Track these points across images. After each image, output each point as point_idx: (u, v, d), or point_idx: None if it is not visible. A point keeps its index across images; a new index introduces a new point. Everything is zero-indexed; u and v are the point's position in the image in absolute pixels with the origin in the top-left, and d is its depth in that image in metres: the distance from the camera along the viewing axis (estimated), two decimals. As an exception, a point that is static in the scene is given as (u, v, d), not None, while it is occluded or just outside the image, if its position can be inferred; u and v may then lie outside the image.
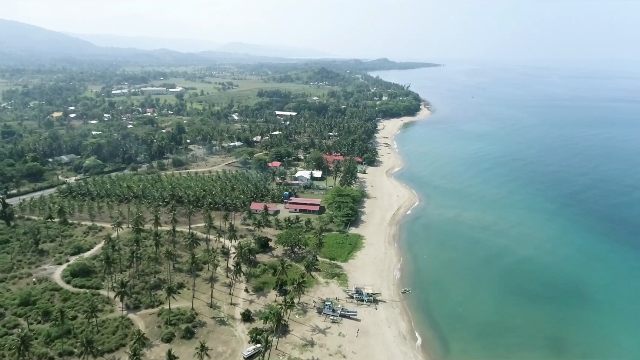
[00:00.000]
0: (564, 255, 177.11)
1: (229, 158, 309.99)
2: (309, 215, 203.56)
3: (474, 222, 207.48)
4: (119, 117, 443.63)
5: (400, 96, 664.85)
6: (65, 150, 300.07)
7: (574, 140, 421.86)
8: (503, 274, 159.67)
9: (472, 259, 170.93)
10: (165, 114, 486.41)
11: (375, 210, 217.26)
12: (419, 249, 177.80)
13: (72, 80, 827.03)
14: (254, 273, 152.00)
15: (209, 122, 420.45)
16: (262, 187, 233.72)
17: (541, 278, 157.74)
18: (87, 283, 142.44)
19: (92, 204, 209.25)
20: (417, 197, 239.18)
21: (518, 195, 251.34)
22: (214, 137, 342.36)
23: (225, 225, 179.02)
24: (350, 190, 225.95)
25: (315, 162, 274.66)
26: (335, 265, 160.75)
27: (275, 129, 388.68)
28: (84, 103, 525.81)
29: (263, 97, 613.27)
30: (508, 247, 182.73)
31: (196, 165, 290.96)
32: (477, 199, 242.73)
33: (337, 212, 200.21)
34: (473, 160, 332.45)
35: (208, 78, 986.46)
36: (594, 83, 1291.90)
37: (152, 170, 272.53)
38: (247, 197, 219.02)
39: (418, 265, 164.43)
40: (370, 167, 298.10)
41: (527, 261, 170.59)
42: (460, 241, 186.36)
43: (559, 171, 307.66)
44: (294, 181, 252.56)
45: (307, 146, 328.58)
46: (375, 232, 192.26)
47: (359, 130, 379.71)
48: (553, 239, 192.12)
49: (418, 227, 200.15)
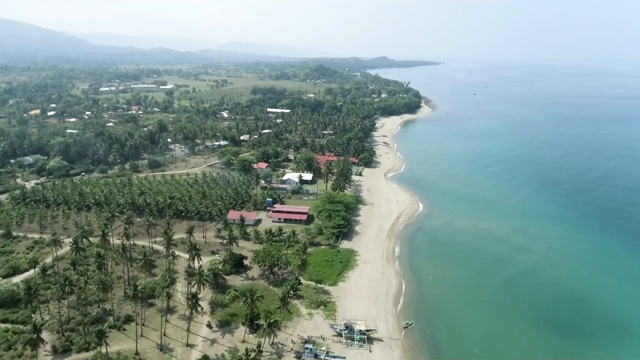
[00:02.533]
0: (602, 275, 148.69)
1: (212, 158, 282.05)
2: (294, 225, 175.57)
3: (488, 232, 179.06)
4: (99, 115, 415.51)
5: (399, 93, 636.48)
6: (31, 151, 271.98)
7: (592, 139, 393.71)
8: (528, 301, 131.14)
9: (488, 281, 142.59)
10: (150, 112, 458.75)
11: (372, 219, 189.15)
12: (423, 268, 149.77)
13: (61, 78, 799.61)
14: (222, 301, 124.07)
15: (195, 120, 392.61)
16: (244, 192, 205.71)
17: (576, 305, 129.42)
18: (12, 316, 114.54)
19: (46, 213, 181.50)
20: (419, 203, 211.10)
21: (534, 201, 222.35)
22: (198, 135, 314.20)
23: (194, 239, 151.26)
24: (343, 196, 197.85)
25: (306, 163, 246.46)
26: (321, 290, 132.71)
27: (265, 127, 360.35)
28: (66, 100, 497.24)
29: (257, 95, 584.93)
30: (531, 265, 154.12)
31: (174, 167, 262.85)
32: (488, 204, 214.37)
33: (327, 223, 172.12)
34: (479, 160, 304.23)
35: (203, 76, 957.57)
36: (597, 81, 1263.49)
37: (124, 172, 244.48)
38: (225, 204, 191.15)
39: (422, 289, 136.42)
40: (367, 169, 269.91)
41: (557, 283, 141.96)
42: (473, 257, 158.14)
43: (577, 174, 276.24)
44: (280, 185, 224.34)
45: (298, 145, 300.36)
46: (371, 246, 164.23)
47: (356, 128, 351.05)
48: (586, 256, 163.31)
49: (421, 240, 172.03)
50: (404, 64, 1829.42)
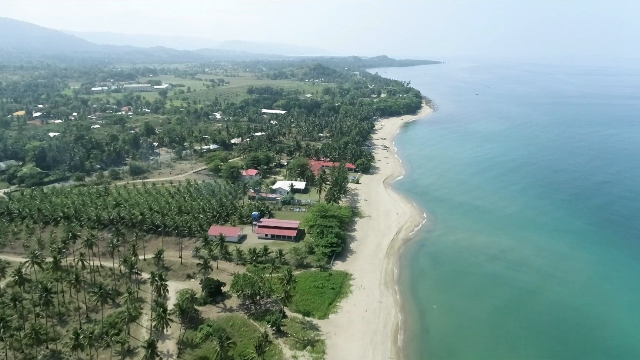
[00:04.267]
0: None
1: (200, 164, 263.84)
2: (283, 243, 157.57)
3: (503, 252, 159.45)
4: (85, 117, 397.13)
5: (400, 93, 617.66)
6: (6, 156, 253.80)
7: (603, 143, 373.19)
8: (557, 339, 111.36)
9: (506, 314, 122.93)
10: (141, 113, 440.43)
11: (369, 235, 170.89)
12: (427, 295, 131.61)
13: (54, 77, 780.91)
14: (193, 340, 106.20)
15: (186, 122, 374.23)
16: (229, 203, 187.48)
17: (618, 346, 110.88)
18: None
19: (8, 228, 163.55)
20: (421, 216, 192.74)
21: (555, 213, 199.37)
22: (186, 139, 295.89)
23: (162, 264, 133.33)
24: (337, 209, 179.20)
25: (299, 170, 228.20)
26: (309, 325, 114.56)
27: (258, 130, 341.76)
28: (53, 101, 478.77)
29: (253, 94, 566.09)
30: (565, 296, 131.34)
31: (158, 174, 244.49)
32: (500, 218, 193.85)
33: (318, 240, 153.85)
34: (487, 166, 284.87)
35: (200, 75, 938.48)
36: (602, 80, 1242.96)
37: (102, 180, 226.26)
38: (208, 218, 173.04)
39: (426, 323, 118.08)
40: (365, 175, 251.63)
41: (595, 318, 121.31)
42: (485, 283, 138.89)
43: (607, 182, 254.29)
44: (270, 194, 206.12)
45: (291, 150, 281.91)
46: (367, 267, 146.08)
47: (353, 131, 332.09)
48: (619, 280, 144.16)
49: (424, 260, 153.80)
50: (404, 63, 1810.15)
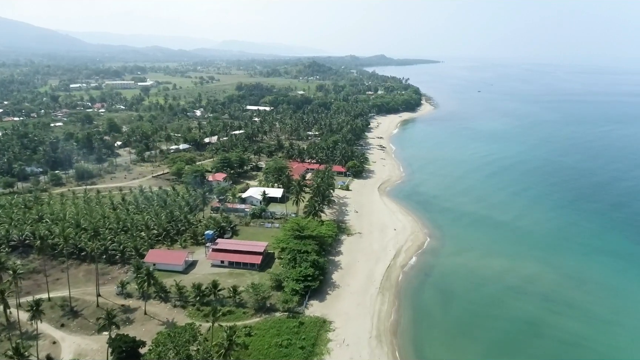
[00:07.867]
0: None
1: (163, 167, 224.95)
2: (243, 273, 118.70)
3: (531, 283, 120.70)
4: (49, 114, 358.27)
5: (398, 90, 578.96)
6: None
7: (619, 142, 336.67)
8: None
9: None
10: (114, 110, 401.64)
11: (359, 260, 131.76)
12: (436, 354, 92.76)
13: (36, 75, 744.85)
14: None
15: (159, 119, 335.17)
16: (182, 217, 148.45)
17: None
18: None
19: None
20: (425, 232, 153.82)
21: (590, 228, 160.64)
22: (150, 138, 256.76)
23: (41, 319, 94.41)
24: (317, 226, 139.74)
25: (276, 175, 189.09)
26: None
27: (238, 127, 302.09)
28: (20, 97, 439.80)
29: (241, 91, 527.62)
30: (619, 350, 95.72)
31: (110, 179, 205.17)
32: (524, 234, 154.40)
33: (289, 271, 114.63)
34: (498, 169, 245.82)
35: (191, 73, 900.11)
36: (606, 78, 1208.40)
37: (39, 187, 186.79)
38: (150, 238, 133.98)
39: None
40: (357, 180, 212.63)
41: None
42: (516, 333, 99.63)
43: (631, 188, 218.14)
44: (239, 205, 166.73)
45: (272, 150, 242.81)
46: (354, 310, 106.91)
47: (344, 128, 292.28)
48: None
49: (431, 296, 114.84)
50: (402, 62, 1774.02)
